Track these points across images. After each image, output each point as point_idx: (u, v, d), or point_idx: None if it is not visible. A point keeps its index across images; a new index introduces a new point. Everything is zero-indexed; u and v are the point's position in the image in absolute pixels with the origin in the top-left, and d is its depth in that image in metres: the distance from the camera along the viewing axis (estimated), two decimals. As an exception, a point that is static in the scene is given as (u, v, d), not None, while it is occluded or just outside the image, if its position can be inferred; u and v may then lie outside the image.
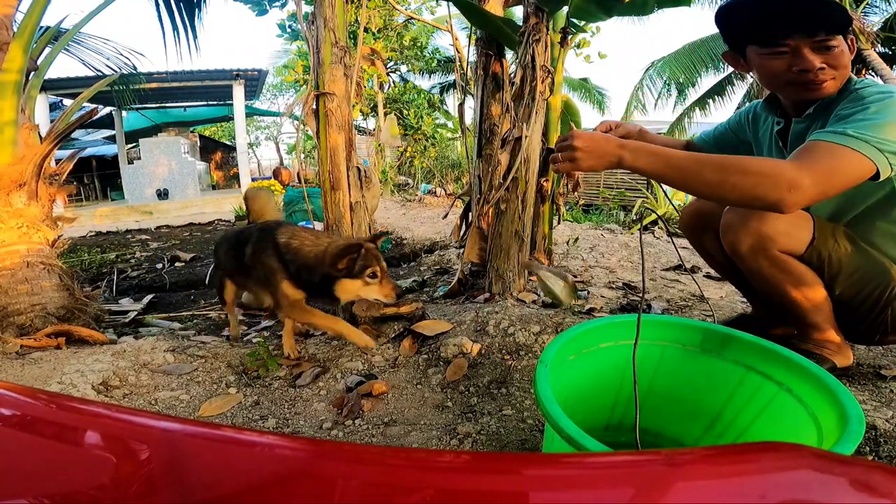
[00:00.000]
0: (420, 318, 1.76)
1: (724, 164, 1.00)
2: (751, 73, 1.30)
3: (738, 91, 11.11)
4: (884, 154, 0.98)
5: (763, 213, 1.17)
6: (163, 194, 10.07)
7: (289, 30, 9.05)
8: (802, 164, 0.98)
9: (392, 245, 4.39)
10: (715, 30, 1.30)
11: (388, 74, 12.68)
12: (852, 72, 1.21)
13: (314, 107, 1.79)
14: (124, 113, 11.81)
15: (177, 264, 4.05)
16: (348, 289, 1.44)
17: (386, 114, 11.82)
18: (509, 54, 2.15)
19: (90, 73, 4.89)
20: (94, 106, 2.52)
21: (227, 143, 20.29)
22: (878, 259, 1.23)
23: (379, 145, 10.36)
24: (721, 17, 1.24)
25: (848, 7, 8.29)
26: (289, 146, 16.49)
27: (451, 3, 2.08)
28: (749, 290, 1.68)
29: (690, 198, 1.91)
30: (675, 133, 11.63)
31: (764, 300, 1.61)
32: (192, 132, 16.27)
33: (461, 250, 2.57)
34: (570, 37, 2.04)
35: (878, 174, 1.00)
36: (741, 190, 0.98)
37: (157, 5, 3.16)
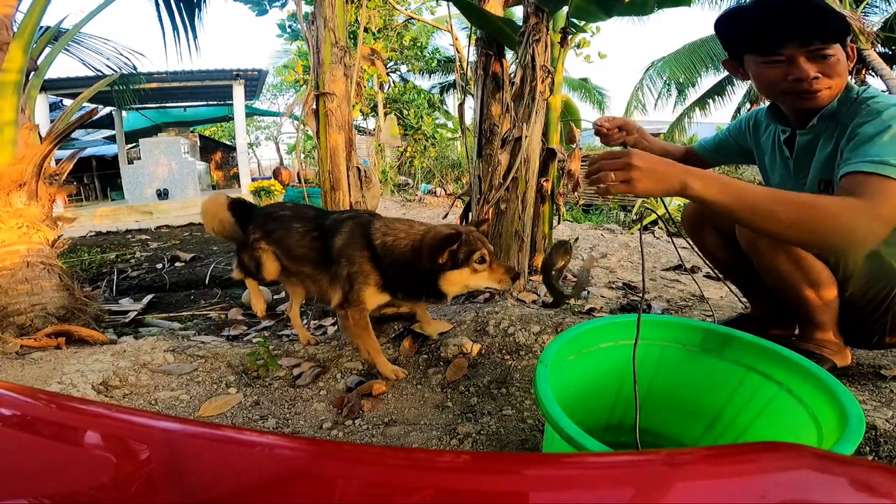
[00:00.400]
0: (420, 318, 1.76)
1: (798, 202, 0.93)
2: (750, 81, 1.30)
3: (738, 91, 11.13)
4: None
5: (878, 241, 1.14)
6: (163, 194, 10.07)
7: (289, 30, 9.06)
8: (870, 206, 0.94)
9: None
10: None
11: (388, 74, 12.68)
12: (852, 72, 1.21)
13: (314, 107, 1.80)
14: (124, 113, 11.82)
15: (177, 264, 4.05)
16: (455, 280, 1.30)
17: (386, 114, 11.82)
18: (509, 54, 2.15)
19: (90, 73, 4.89)
20: (94, 106, 2.52)
21: (227, 143, 20.30)
22: (887, 261, 1.24)
23: (379, 145, 10.36)
24: (720, 25, 1.23)
25: (847, 7, 8.30)
26: (289, 146, 16.50)
27: (451, 3, 2.08)
28: (750, 290, 1.68)
29: None
30: (675, 133, 11.64)
31: (765, 300, 1.61)
32: (192, 132, 16.27)
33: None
34: (570, 37, 2.04)
35: None
36: (819, 234, 0.92)
37: (157, 5, 3.16)
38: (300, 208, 1.66)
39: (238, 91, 10.35)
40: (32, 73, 2.19)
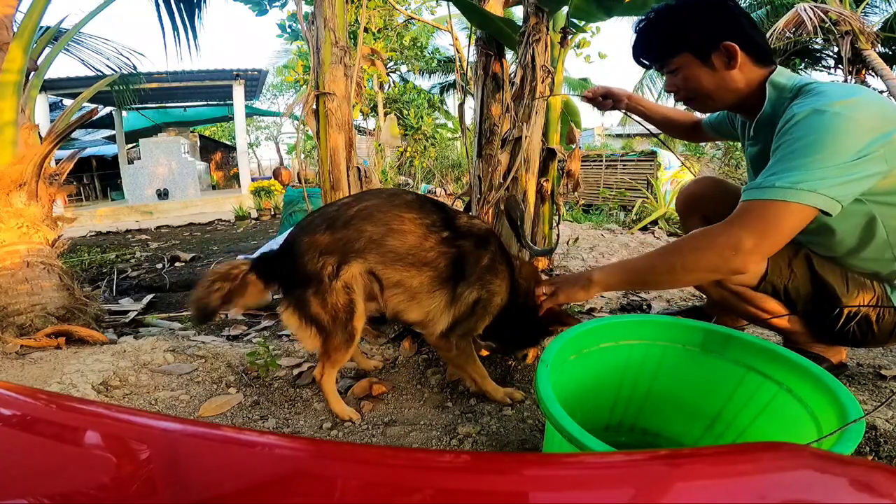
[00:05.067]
0: (420, 318, 1.76)
1: (668, 250, 1.07)
2: None
3: (738, 91, 11.11)
4: (817, 193, 0.93)
5: (761, 258, 1.11)
6: (163, 194, 10.07)
7: (289, 30, 9.04)
8: (739, 225, 1.00)
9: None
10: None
11: (388, 74, 12.68)
12: (852, 72, 1.22)
13: (314, 107, 1.80)
14: (124, 113, 11.81)
15: (177, 264, 4.05)
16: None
17: (386, 114, 11.82)
18: (509, 54, 2.15)
19: (90, 73, 4.89)
20: (94, 106, 2.52)
21: (227, 143, 20.29)
22: (830, 284, 1.19)
23: (379, 145, 10.36)
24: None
25: (847, 7, 8.29)
26: (289, 146, 16.50)
27: (451, 3, 2.07)
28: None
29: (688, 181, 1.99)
30: (675, 133, 11.63)
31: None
32: (192, 132, 16.27)
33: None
34: (570, 37, 2.04)
35: (827, 211, 0.95)
36: (694, 268, 1.03)
37: (157, 5, 3.16)
38: (389, 194, 1.23)
39: (238, 91, 10.34)
40: (32, 73, 2.19)
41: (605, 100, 1.65)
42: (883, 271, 1.17)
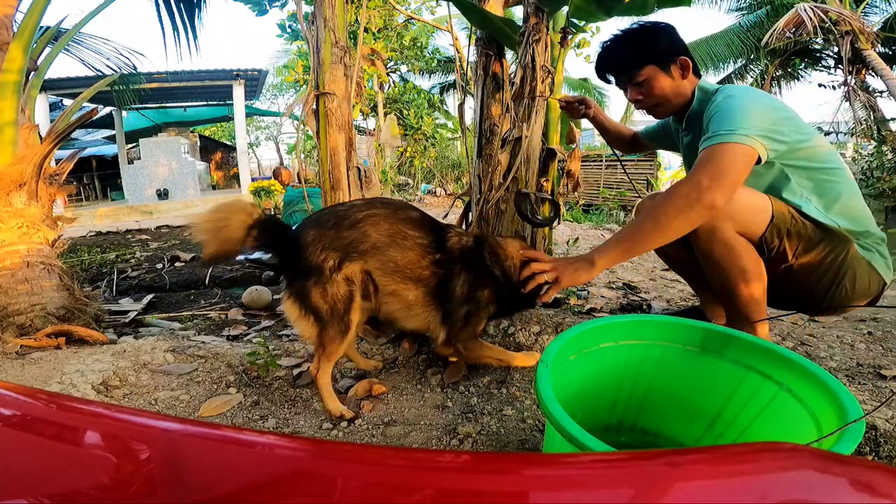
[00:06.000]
0: (420, 318, 1.76)
1: (649, 210, 1.19)
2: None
3: (738, 91, 11.11)
4: (751, 137, 1.17)
5: (723, 192, 1.20)
6: (163, 194, 10.07)
7: (289, 30, 9.05)
8: (697, 171, 1.19)
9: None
10: (714, 29, 1.44)
11: (388, 74, 12.68)
12: (852, 72, 1.27)
13: (314, 107, 1.80)
14: (124, 113, 11.82)
15: (177, 264, 4.05)
16: None
17: (386, 114, 11.82)
18: (509, 54, 2.15)
19: (90, 73, 4.90)
20: (94, 106, 2.52)
21: (227, 143, 20.31)
22: (834, 227, 1.28)
23: (379, 145, 10.36)
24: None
25: (847, 7, 8.29)
26: (289, 146, 16.50)
27: (451, 3, 2.07)
28: (699, 285, 1.74)
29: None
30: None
31: (711, 295, 1.67)
32: (192, 132, 16.27)
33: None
34: (570, 37, 2.04)
35: (760, 157, 1.19)
36: (676, 220, 1.17)
37: (157, 5, 3.16)
38: (396, 207, 1.29)
39: (238, 91, 10.35)
40: (32, 73, 2.19)
41: (579, 105, 1.84)
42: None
